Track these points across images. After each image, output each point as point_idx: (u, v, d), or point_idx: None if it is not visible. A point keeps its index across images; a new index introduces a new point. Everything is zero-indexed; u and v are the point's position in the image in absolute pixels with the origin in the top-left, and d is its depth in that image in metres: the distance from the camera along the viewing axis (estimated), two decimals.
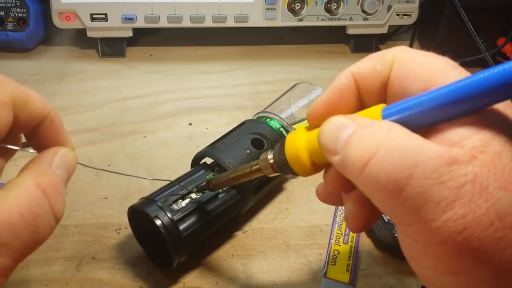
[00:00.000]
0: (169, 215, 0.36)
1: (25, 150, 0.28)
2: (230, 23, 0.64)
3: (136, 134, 0.53)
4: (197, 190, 0.37)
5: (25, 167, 0.26)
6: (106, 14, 0.62)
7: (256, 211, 0.44)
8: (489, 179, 0.19)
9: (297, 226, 0.43)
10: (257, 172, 0.31)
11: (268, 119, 0.46)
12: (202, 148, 0.43)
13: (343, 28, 0.69)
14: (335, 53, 0.71)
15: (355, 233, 0.42)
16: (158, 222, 0.35)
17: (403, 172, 0.20)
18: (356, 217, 0.26)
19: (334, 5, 0.65)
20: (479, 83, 0.20)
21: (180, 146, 0.51)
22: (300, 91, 0.50)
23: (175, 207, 0.36)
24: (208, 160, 0.42)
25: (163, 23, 0.63)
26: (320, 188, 0.29)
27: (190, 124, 0.55)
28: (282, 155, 0.27)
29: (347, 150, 0.22)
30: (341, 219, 0.43)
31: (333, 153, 0.23)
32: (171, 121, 0.55)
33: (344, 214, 0.42)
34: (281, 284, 0.38)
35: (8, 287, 0.36)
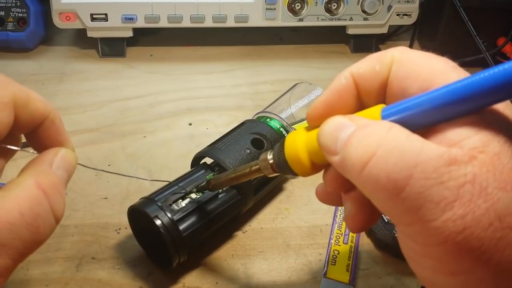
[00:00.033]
0: (169, 215, 0.36)
1: (25, 150, 0.28)
2: (230, 23, 0.64)
3: (136, 134, 0.53)
4: (197, 190, 0.37)
5: (26, 168, 0.26)
6: (106, 14, 0.62)
7: (256, 211, 0.44)
8: (488, 180, 0.19)
9: (297, 226, 0.43)
10: (256, 172, 0.31)
11: (268, 119, 0.46)
12: (202, 148, 0.43)
13: (343, 28, 0.69)
14: (335, 53, 0.71)
15: (354, 233, 0.42)
16: (158, 222, 0.35)
17: (403, 173, 0.20)
18: (356, 217, 0.26)
19: (334, 5, 0.65)
20: (479, 83, 0.20)
21: (180, 146, 0.51)
22: (300, 91, 0.50)
23: (175, 207, 0.36)
24: (208, 160, 0.42)
25: (163, 23, 0.63)
26: (320, 189, 0.29)
27: (190, 124, 0.55)
28: (281, 155, 0.27)
29: (346, 150, 0.22)
30: (341, 219, 0.43)
31: (333, 153, 0.23)
32: (171, 121, 0.55)
33: (343, 215, 0.42)
34: (281, 284, 0.38)
35: (8, 287, 0.36)
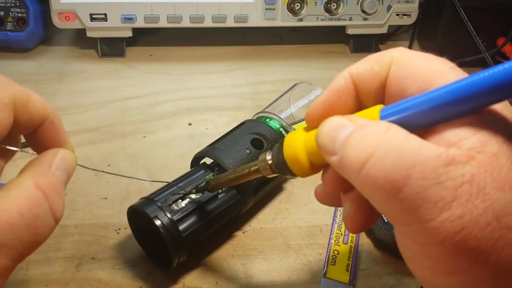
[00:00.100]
0: (168, 215, 0.36)
1: (25, 151, 0.28)
2: (230, 23, 0.64)
3: (136, 134, 0.53)
4: (196, 191, 0.37)
5: (25, 168, 0.26)
6: (105, 14, 0.62)
7: (256, 211, 0.44)
8: (486, 180, 0.19)
9: (297, 226, 0.43)
10: (255, 173, 0.31)
11: (268, 119, 0.46)
12: (202, 148, 0.43)
13: (343, 28, 0.69)
14: (335, 53, 0.71)
15: (353, 233, 0.42)
16: (158, 222, 0.35)
17: (401, 173, 0.20)
18: (355, 218, 0.26)
19: (333, 5, 0.65)
20: (477, 83, 0.20)
21: (180, 146, 0.51)
22: (300, 91, 0.49)
23: (174, 207, 0.36)
24: (208, 160, 0.42)
25: (162, 23, 0.63)
26: (319, 189, 0.29)
27: (190, 124, 0.55)
28: (280, 156, 0.27)
29: (345, 150, 0.22)
30: (341, 219, 0.43)
31: (331, 154, 0.23)
32: (171, 121, 0.55)
33: (342, 215, 0.42)
34: (281, 284, 0.38)
35: (8, 287, 0.36)
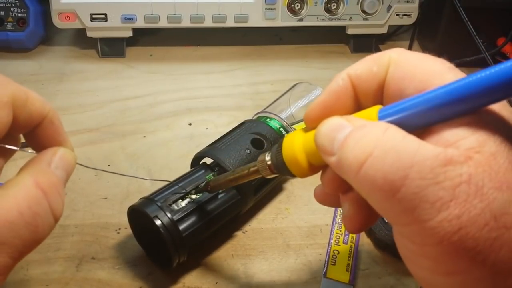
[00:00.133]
0: (169, 215, 0.36)
1: (24, 150, 0.28)
2: (230, 23, 0.64)
3: (136, 134, 0.53)
4: (196, 192, 0.37)
5: (24, 167, 0.26)
6: (106, 14, 0.62)
7: (256, 211, 0.44)
8: (484, 180, 0.19)
9: (297, 226, 0.43)
10: (254, 173, 0.31)
11: (268, 119, 0.46)
12: (202, 148, 0.43)
13: (343, 28, 0.69)
14: (335, 53, 0.71)
15: (353, 234, 0.42)
16: (158, 222, 0.35)
17: (399, 173, 0.20)
18: (354, 218, 0.26)
19: (334, 5, 0.65)
20: (475, 83, 0.20)
21: (180, 146, 0.51)
22: (300, 91, 0.49)
23: (175, 207, 0.36)
24: (208, 160, 0.42)
25: (163, 23, 0.63)
26: (318, 190, 0.29)
27: (190, 124, 0.55)
28: (279, 156, 0.27)
29: (343, 150, 0.22)
30: (341, 219, 0.43)
31: (330, 154, 0.23)
32: (171, 121, 0.55)
33: (341, 216, 0.42)
34: (281, 284, 0.38)
35: (8, 287, 0.36)
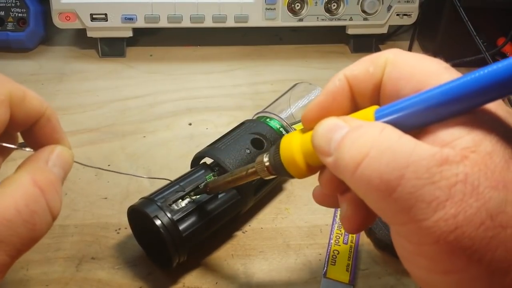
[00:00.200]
0: (168, 215, 0.36)
1: (22, 148, 0.28)
2: (230, 23, 0.64)
3: (136, 134, 0.53)
4: (195, 194, 0.37)
5: (22, 165, 0.26)
6: (106, 14, 0.62)
7: (256, 211, 0.44)
8: (480, 179, 0.19)
9: (297, 226, 0.43)
10: (253, 175, 0.31)
11: (268, 119, 0.46)
12: (202, 148, 0.43)
13: (343, 28, 0.69)
14: (335, 53, 0.71)
15: (351, 234, 0.42)
16: (158, 222, 0.35)
17: (395, 173, 0.20)
18: (352, 218, 0.26)
19: (334, 5, 0.65)
20: (470, 83, 0.20)
21: (180, 146, 0.51)
22: (300, 91, 0.49)
23: (174, 207, 0.36)
24: (208, 160, 0.42)
25: (163, 23, 0.63)
26: (317, 191, 0.29)
27: (190, 124, 0.55)
28: (277, 157, 0.27)
29: (340, 151, 0.22)
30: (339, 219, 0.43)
31: (327, 155, 0.23)
32: (171, 121, 0.55)
33: (339, 216, 0.42)
34: (281, 284, 0.38)
35: (7, 287, 0.36)
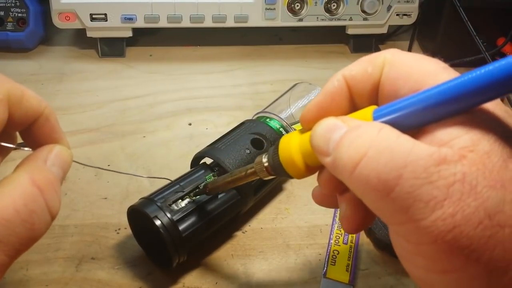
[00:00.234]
0: (168, 215, 0.36)
1: (21, 148, 0.28)
2: (230, 23, 0.64)
3: (136, 134, 0.53)
4: (194, 195, 0.37)
5: (20, 164, 0.26)
6: (105, 14, 0.62)
7: (256, 211, 0.44)
8: (478, 178, 0.19)
9: (297, 226, 0.43)
10: (252, 175, 0.31)
11: (268, 119, 0.46)
12: (202, 148, 0.43)
13: (343, 28, 0.69)
14: (335, 53, 0.71)
15: (350, 234, 0.42)
16: (158, 222, 0.35)
17: (392, 173, 0.20)
18: (351, 218, 0.26)
19: (334, 5, 0.65)
20: (468, 83, 0.20)
21: (180, 146, 0.51)
22: (300, 91, 0.49)
23: (174, 207, 0.36)
24: (208, 160, 0.42)
25: (162, 23, 0.63)
26: (316, 191, 0.29)
27: (190, 124, 0.55)
28: (276, 158, 0.28)
29: (338, 151, 0.22)
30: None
31: (325, 155, 0.23)
32: (171, 121, 0.55)
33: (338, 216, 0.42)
34: (281, 284, 0.38)
35: (7, 287, 0.36)
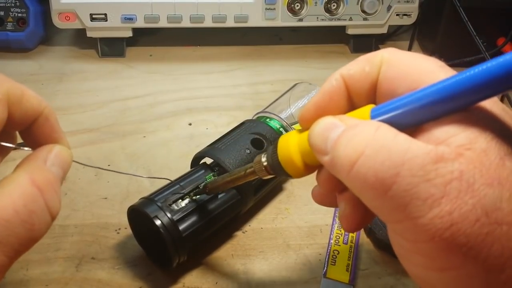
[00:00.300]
0: (168, 215, 0.36)
1: (20, 148, 0.28)
2: (230, 23, 0.64)
3: (136, 134, 0.53)
4: (194, 195, 0.37)
5: (20, 164, 0.26)
6: (105, 14, 0.62)
7: (256, 211, 0.44)
8: (475, 176, 0.19)
9: (297, 226, 0.43)
10: (251, 175, 0.31)
11: (268, 119, 0.46)
12: (202, 148, 0.43)
13: (343, 28, 0.69)
14: (335, 53, 0.71)
15: (349, 233, 0.42)
16: (158, 222, 0.35)
17: (390, 171, 0.20)
18: (350, 217, 0.26)
19: (334, 5, 0.65)
20: (465, 81, 0.20)
21: (180, 146, 0.51)
22: (300, 91, 0.50)
23: (174, 207, 0.36)
24: (208, 160, 0.42)
25: (162, 23, 0.63)
26: (315, 190, 0.30)
27: (190, 124, 0.55)
28: (275, 157, 0.28)
29: (336, 149, 0.22)
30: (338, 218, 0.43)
31: (323, 153, 0.23)
32: (171, 121, 0.55)
33: (338, 215, 0.42)
34: (281, 284, 0.38)
35: (7, 287, 0.36)
